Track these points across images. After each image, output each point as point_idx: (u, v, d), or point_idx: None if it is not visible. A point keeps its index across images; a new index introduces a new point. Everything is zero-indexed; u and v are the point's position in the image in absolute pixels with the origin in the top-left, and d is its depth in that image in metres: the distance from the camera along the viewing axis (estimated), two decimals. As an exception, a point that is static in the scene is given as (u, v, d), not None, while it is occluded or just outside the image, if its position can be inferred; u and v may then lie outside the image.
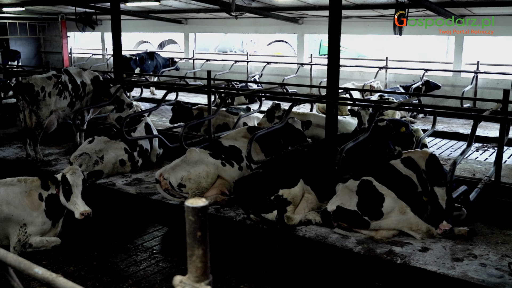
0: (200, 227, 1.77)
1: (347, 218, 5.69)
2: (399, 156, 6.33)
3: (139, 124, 8.61)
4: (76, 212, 5.50)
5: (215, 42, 26.84)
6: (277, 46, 25.18)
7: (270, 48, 25.19)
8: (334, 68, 7.75)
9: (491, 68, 13.62)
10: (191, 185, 6.73)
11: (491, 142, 11.02)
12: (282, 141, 7.83)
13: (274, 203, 6.07)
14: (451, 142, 11.26)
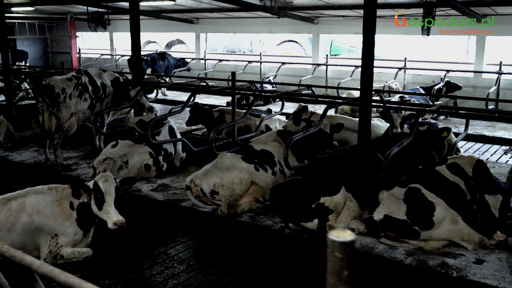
0: (348, 265, 1.49)
1: (395, 227, 5.40)
2: (444, 162, 6.05)
3: (163, 127, 8.32)
4: (109, 222, 5.21)
5: (224, 42, 26.58)
6: (287, 47, 24.93)
7: (279, 49, 24.94)
8: (368, 70, 7.45)
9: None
10: (225, 192, 6.44)
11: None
12: (311, 145, 7.54)
13: (315, 211, 5.78)
14: (476, 144, 10.96)
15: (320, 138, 7.30)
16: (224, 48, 26.08)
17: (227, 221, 6.34)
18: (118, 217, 5.23)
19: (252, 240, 6.11)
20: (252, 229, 6.15)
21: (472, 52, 14.80)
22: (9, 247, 1.91)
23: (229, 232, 6.30)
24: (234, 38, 26.50)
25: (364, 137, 7.60)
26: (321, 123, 6.90)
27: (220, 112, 10.36)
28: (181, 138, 8.35)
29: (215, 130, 7.13)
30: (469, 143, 11.05)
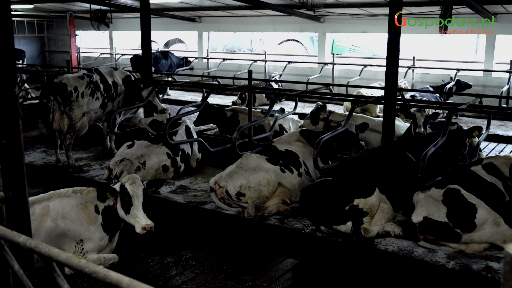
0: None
1: (435, 230, 5.20)
2: (480, 162, 5.86)
3: (179, 127, 8.07)
4: (137, 226, 4.97)
5: (224, 42, 26.32)
6: (288, 46, 24.73)
7: (281, 48, 24.73)
8: (392, 69, 7.28)
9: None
10: (251, 194, 6.21)
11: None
12: (336, 145, 7.34)
13: (349, 213, 5.57)
14: (491, 144, 10.81)
15: (346, 138, 7.10)
16: (224, 47, 25.81)
17: (254, 224, 6.11)
18: (147, 221, 4.98)
19: (282, 244, 5.89)
20: (281, 232, 5.92)
21: (481, 51, 14.67)
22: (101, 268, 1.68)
23: (256, 235, 6.07)
24: (234, 37, 26.26)
25: (389, 137, 7.42)
26: (348, 123, 6.69)
27: (233, 112, 10.12)
28: (198, 138, 8.11)
29: (238, 130, 6.89)
30: (483, 142, 10.89)
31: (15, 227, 2.82)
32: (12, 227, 2.71)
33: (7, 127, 2.56)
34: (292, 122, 10.47)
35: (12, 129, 2.58)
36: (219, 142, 8.84)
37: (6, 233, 2.12)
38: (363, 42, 23.19)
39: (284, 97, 8.09)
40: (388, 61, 7.27)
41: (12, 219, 2.63)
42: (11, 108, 2.51)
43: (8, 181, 2.62)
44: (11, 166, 2.63)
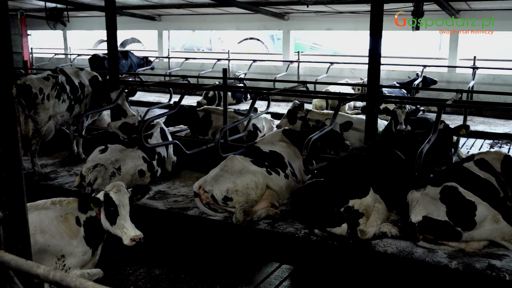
0: None
1: (435, 229, 5.06)
2: (472, 159, 5.80)
3: (154, 129, 7.66)
4: (125, 238, 4.57)
5: (182, 41, 25.79)
6: (248, 44, 24.48)
7: (241, 47, 24.44)
8: (374, 66, 7.17)
9: (487, 63, 13.49)
10: (239, 198, 5.90)
11: (500, 138, 10.79)
12: (320, 145, 7.14)
13: (344, 215, 5.37)
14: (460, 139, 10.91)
15: (331, 138, 6.91)
16: (183, 47, 25.27)
17: (243, 230, 5.81)
18: (136, 231, 4.59)
19: (274, 249, 5.63)
20: (273, 237, 5.65)
21: (445, 47, 14.91)
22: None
23: (246, 241, 5.78)
24: (193, 36, 25.79)
25: (371, 134, 7.30)
26: (334, 121, 6.49)
27: (205, 112, 9.77)
28: (174, 141, 7.72)
29: (221, 131, 6.57)
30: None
31: (13, 251, 2.43)
32: (10, 250, 2.34)
33: (3, 134, 2.17)
34: (265, 122, 10.24)
35: (9, 137, 2.19)
36: (193, 144, 8.48)
37: (20, 263, 1.76)
38: (323, 40, 23.25)
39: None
40: (370, 59, 7.15)
41: (10, 242, 2.24)
42: (8, 113, 2.13)
43: (4, 198, 2.24)
44: (8, 181, 2.24)
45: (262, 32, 23.29)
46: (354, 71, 15.35)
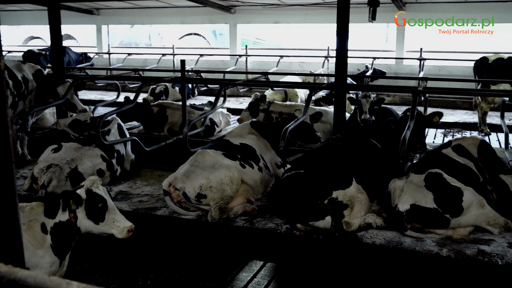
0: None
1: (424, 217, 4.93)
2: (449, 145, 5.75)
3: (111, 125, 7.09)
4: (119, 231, 4.22)
5: (120, 37, 24.79)
6: (189, 40, 23.90)
7: (182, 42, 23.83)
8: (342, 55, 6.98)
9: (433, 55, 13.80)
10: (214, 194, 5.51)
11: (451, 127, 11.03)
12: (290, 137, 6.87)
13: (328, 207, 5.13)
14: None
15: (302, 129, 6.66)
16: (120, 43, 24.31)
17: (220, 228, 5.43)
18: (128, 222, 4.26)
19: (255, 247, 5.31)
20: (253, 235, 5.32)
21: (391, 40, 15.15)
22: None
23: (223, 240, 5.41)
24: (131, 32, 24.87)
25: (340, 124, 7.13)
26: (308, 111, 6.25)
27: (159, 107, 9.26)
28: (133, 137, 7.19)
29: (188, 125, 6.15)
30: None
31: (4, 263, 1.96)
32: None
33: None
34: (222, 116, 9.88)
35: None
36: (150, 141, 7.96)
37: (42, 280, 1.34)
38: (266, 35, 23.11)
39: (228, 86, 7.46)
40: (338, 48, 6.96)
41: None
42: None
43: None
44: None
45: (205, 27, 22.84)
46: (303, 64, 15.27)
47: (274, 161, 6.53)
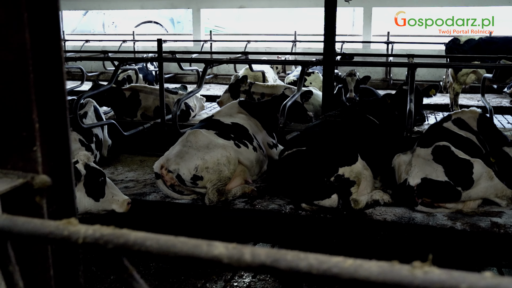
0: None
1: (436, 191, 4.77)
2: (449, 118, 5.63)
3: (87, 108, 6.57)
4: (120, 205, 4.02)
5: (72, 24, 23.66)
6: (146, 28, 23.09)
7: (138, 30, 22.99)
8: (330, 30, 6.75)
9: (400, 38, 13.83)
10: (210, 175, 5.16)
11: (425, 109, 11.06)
12: (279, 116, 6.59)
13: (335, 185, 4.89)
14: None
15: (293, 109, 6.38)
16: (73, 31, 23.20)
17: (219, 211, 5.09)
18: (124, 195, 3.95)
19: (257, 229, 5.00)
20: (255, 217, 5.01)
21: (358, 24, 15.10)
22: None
23: (223, 224, 5.07)
24: (83, 20, 23.77)
25: (329, 99, 6.90)
26: (301, 87, 5.97)
27: (132, 91, 8.73)
28: (110, 121, 6.71)
29: (177, 103, 5.76)
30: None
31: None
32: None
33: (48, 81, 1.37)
34: (196, 100, 9.46)
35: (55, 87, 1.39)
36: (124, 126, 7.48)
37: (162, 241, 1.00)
38: (225, 23, 22.67)
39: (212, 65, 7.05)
40: (326, 22, 6.71)
41: (54, 217, 1.45)
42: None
43: (52, 162, 1.43)
44: (55, 137, 1.44)
45: (162, 15, 22.16)
46: (269, 49, 14.97)
47: (266, 141, 6.23)
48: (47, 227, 1.09)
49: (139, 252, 1.03)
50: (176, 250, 1.00)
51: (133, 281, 1.11)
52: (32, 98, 1.32)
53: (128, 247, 1.04)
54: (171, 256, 1.00)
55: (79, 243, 1.05)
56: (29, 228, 1.10)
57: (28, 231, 1.10)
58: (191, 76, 14.25)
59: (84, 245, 1.05)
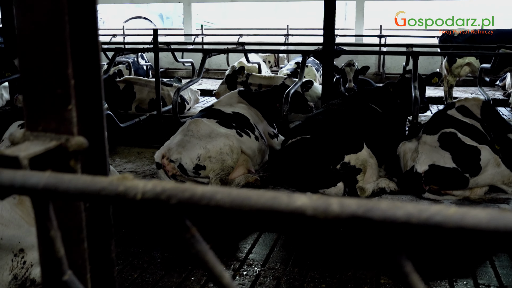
0: None
1: (443, 178, 4.71)
2: (453, 106, 5.58)
3: (83, 99, 6.40)
4: None
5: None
6: (135, 24, 22.84)
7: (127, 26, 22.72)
8: (330, 18, 6.66)
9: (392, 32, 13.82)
10: (213, 165, 5.05)
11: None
12: (279, 106, 6.50)
13: (341, 173, 4.81)
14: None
15: (294, 99, 6.29)
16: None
17: (222, 202, 4.97)
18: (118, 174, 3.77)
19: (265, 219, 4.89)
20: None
21: (350, 18, 15.06)
22: None
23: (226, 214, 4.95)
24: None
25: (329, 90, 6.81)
26: (303, 77, 5.88)
27: (126, 83, 8.57)
28: (108, 112, 6.55)
29: (178, 92, 5.62)
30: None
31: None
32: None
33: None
34: (191, 93, 9.34)
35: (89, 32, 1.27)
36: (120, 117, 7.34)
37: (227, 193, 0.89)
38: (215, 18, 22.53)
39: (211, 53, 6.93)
40: (326, 10, 6.61)
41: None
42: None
43: (87, 122, 1.32)
44: (90, 95, 1.33)
45: (151, 11, 21.95)
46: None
47: (267, 131, 6.13)
48: (99, 183, 0.97)
49: (207, 208, 0.91)
50: (252, 203, 0.89)
51: (195, 243, 1.00)
52: (67, 51, 1.20)
53: (195, 202, 0.92)
54: (246, 210, 0.89)
55: (137, 199, 0.94)
56: (78, 185, 0.98)
57: (77, 188, 0.98)
58: (183, 70, 14.11)
59: (142, 202, 0.94)
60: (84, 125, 1.30)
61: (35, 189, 1.03)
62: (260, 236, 4.54)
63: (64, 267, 1.11)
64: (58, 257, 1.11)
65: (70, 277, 1.10)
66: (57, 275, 1.11)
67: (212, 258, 0.97)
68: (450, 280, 3.71)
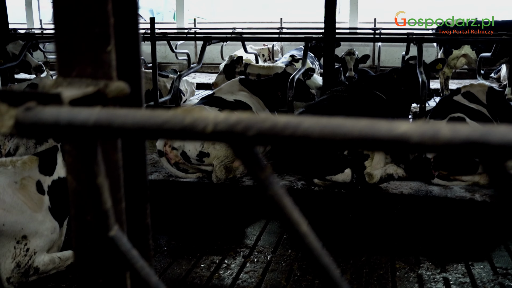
0: None
1: (453, 163, 4.64)
2: (459, 92, 5.51)
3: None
4: None
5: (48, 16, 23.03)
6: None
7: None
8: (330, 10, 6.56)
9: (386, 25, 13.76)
10: (217, 152, 4.93)
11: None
12: (280, 94, 6.39)
13: (349, 159, 4.72)
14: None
15: (296, 86, 6.17)
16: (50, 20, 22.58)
17: (226, 189, 4.87)
18: None
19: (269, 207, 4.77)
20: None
21: (344, 11, 14.99)
22: None
23: (232, 202, 4.84)
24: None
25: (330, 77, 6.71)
26: (306, 64, 5.77)
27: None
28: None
29: (179, 78, 5.48)
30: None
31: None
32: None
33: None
34: (187, 84, 9.20)
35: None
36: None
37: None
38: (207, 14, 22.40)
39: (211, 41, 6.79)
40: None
41: None
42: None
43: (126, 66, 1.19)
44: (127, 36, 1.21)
45: (140, 6, 21.70)
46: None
47: (269, 119, 6.01)
48: (161, 116, 0.85)
49: (291, 139, 0.79)
50: (345, 131, 0.78)
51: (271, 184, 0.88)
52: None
53: (277, 133, 0.79)
54: (338, 139, 0.77)
55: (208, 132, 0.81)
56: (135, 119, 0.85)
57: (135, 122, 0.85)
58: (175, 65, 13.94)
59: (214, 135, 0.82)
60: (122, 69, 1.18)
61: (85, 126, 0.88)
62: (267, 224, 4.43)
63: (111, 221, 0.98)
64: (104, 210, 0.98)
65: (117, 232, 0.97)
66: (102, 230, 0.98)
67: (290, 204, 0.85)
68: (466, 263, 3.63)
